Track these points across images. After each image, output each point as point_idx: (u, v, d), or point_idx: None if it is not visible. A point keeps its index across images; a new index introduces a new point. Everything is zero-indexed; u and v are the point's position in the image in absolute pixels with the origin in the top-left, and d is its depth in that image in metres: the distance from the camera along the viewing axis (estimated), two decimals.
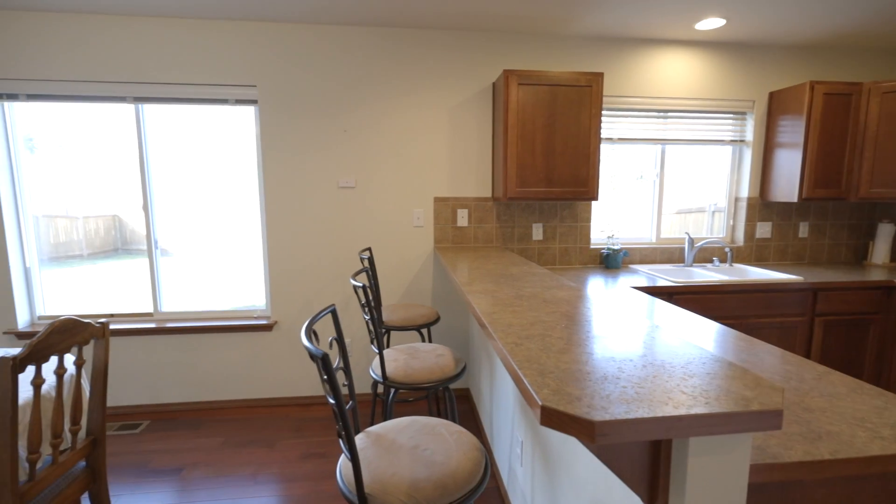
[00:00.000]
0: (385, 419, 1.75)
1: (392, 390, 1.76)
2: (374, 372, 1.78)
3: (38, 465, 1.45)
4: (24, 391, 1.53)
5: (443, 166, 3.01)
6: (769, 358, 1.39)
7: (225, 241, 3.03)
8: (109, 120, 2.81)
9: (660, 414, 0.68)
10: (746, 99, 3.18)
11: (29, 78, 2.64)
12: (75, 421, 1.52)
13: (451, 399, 1.86)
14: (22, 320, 2.81)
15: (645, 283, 2.60)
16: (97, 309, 2.97)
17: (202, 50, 2.73)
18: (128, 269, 2.98)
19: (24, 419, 1.42)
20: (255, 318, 3.03)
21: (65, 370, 1.44)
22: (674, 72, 3.09)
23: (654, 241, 3.33)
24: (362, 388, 3.12)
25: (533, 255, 3.15)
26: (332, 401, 1.02)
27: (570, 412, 0.69)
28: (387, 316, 2.47)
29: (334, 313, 1.27)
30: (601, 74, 2.67)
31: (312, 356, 0.96)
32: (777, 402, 0.70)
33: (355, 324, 3.08)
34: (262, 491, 2.18)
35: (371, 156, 2.94)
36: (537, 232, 3.12)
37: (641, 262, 3.26)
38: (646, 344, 1.00)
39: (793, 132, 2.98)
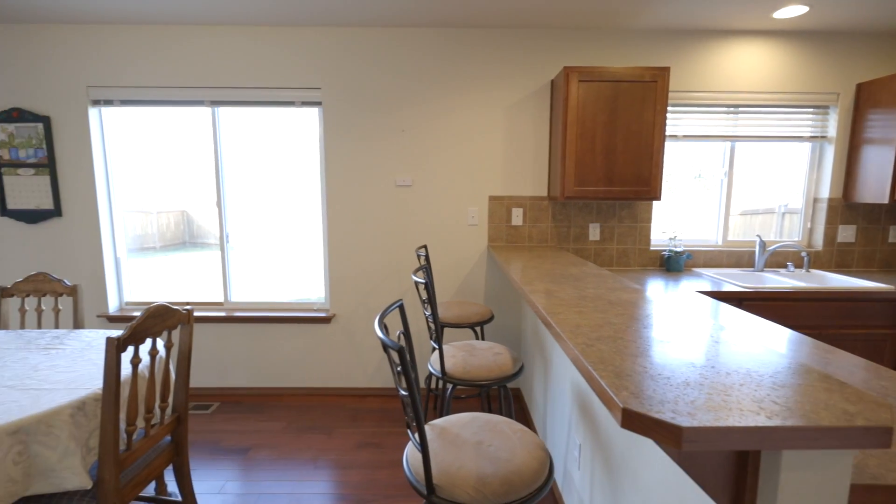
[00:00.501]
0: (438, 414, 1.78)
1: (450, 386, 1.79)
2: (433, 367, 1.82)
3: (134, 436, 1.60)
4: (123, 369, 1.69)
5: (498, 165, 3.01)
6: (859, 371, 1.28)
7: (288, 236, 3.19)
8: (182, 121, 3.03)
9: (752, 423, 0.66)
10: (830, 91, 2.94)
11: (121, 85, 2.90)
12: (164, 398, 1.67)
13: (507, 397, 1.86)
14: (112, 306, 3.11)
15: (710, 288, 2.48)
16: (169, 297, 3.22)
17: (272, 55, 2.89)
18: (195, 261, 3.21)
19: (123, 394, 1.57)
20: (315, 310, 3.17)
21: (157, 352, 1.58)
22: (747, 64, 2.91)
23: (720, 243, 3.15)
24: None
25: (589, 256, 3.08)
26: (403, 392, 1.06)
27: (654, 416, 0.68)
28: (441, 313, 2.50)
29: (402, 308, 1.32)
30: (667, 69, 2.56)
31: (387, 348, 1.00)
32: (886, 418, 0.66)
33: (408, 319, 3.15)
34: (321, 475, 2.29)
35: (428, 155, 2.99)
36: (594, 232, 3.05)
37: (705, 265, 3.10)
38: (726, 350, 0.96)
39: (885, 127, 2.72)
